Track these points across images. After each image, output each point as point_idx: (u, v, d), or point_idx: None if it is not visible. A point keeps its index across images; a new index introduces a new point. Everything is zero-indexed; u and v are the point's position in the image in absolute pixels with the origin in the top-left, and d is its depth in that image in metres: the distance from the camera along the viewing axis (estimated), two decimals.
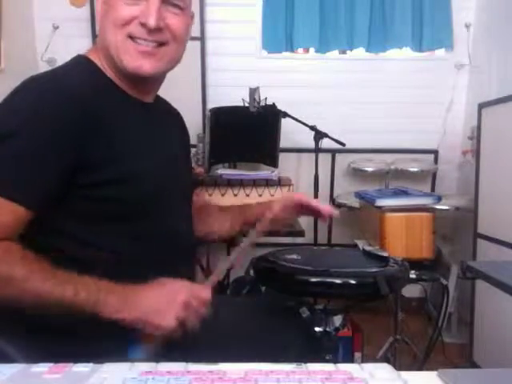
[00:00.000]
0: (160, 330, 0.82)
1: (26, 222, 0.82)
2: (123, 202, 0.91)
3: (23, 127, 0.82)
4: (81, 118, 0.86)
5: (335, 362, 0.60)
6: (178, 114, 1.19)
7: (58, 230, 0.88)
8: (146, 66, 0.93)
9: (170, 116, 1.15)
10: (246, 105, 2.25)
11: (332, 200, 2.88)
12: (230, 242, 2.54)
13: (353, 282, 1.04)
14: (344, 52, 2.98)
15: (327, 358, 1.13)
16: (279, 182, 2.30)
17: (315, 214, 1.18)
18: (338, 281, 1.04)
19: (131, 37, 0.92)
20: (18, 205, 0.80)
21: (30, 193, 0.81)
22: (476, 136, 2.26)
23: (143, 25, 0.90)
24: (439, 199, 2.11)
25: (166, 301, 0.84)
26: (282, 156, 2.62)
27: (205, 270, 2.55)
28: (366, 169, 2.84)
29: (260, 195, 2.27)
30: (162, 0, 0.91)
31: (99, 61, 0.97)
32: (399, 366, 1.94)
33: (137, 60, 0.92)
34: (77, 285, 0.80)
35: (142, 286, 0.85)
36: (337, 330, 1.17)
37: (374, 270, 1.07)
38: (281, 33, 2.86)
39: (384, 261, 1.15)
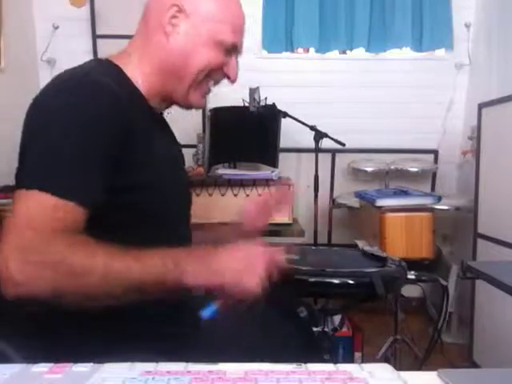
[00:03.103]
0: (246, 294, 0.82)
1: (84, 220, 0.80)
2: (145, 209, 0.90)
3: (66, 126, 0.82)
4: (118, 116, 0.86)
5: (335, 361, 0.60)
6: None
7: None
8: (204, 103, 1.05)
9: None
10: (246, 105, 2.25)
11: (332, 200, 2.88)
12: None
13: (349, 281, 1.03)
14: (344, 52, 2.98)
15: (325, 357, 1.13)
16: (279, 182, 2.30)
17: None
18: (333, 280, 1.03)
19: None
20: (75, 204, 0.78)
21: (83, 191, 0.80)
22: (476, 136, 2.26)
23: (226, 76, 1.00)
24: (439, 199, 2.11)
25: (248, 264, 0.84)
26: (281, 156, 2.62)
27: None
28: (366, 169, 2.84)
29: (260, 195, 2.27)
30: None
31: (126, 66, 0.97)
32: (399, 366, 1.95)
33: (202, 99, 1.02)
34: (157, 259, 0.78)
35: (220, 251, 0.85)
36: (335, 329, 1.17)
37: (370, 269, 1.07)
38: (281, 32, 2.86)
39: (382, 261, 1.15)
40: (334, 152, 2.92)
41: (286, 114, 2.35)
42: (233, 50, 0.99)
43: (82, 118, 0.82)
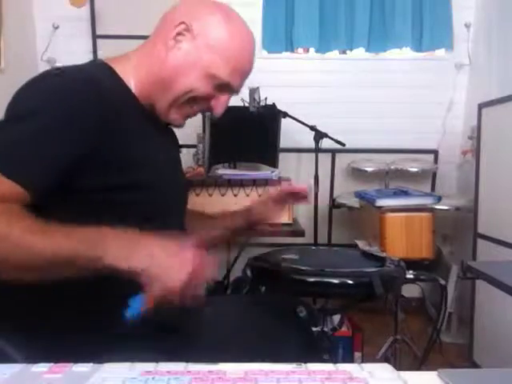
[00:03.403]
0: (166, 286, 0.77)
1: (22, 200, 0.80)
2: (138, 209, 0.90)
3: (41, 108, 0.83)
4: (103, 111, 0.86)
5: (335, 361, 0.60)
6: None
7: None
8: (183, 124, 1.03)
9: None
10: (246, 105, 2.25)
11: (332, 200, 2.88)
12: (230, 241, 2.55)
13: (348, 281, 1.04)
14: (344, 52, 2.98)
15: (325, 357, 1.13)
16: (279, 182, 2.30)
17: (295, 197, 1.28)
18: (333, 280, 1.04)
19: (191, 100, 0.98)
20: (15, 184, 0.79)
21: (27, 174, 0.81)
22: (476, 136, 2.26)
23: (212, 108, 1.00)
24: (439, 199, 2.11)
25: (175, 259, 0.79)
26: (281, 156, 2.62)
27: None
28: (366, 169, 2.84)
29: (260, 195, 2.27)
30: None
31: (121, 68, 0.97)
32: (399, 366, 1.95)
33: (182, 120, 1.02)
34: (75, 234, 0.76)
35: (151, 238, 0.80)
36: (334, 329, 1.17)
37: (369, 269, 1.07)
38: (281, 33, 2.86)
39: (380, 261, 1.15)
40: (333, 152, 2.92)
41: (286, 114, 2.35)
42: (225, 87, 0.98)
43: (55, 109, 0.83)
